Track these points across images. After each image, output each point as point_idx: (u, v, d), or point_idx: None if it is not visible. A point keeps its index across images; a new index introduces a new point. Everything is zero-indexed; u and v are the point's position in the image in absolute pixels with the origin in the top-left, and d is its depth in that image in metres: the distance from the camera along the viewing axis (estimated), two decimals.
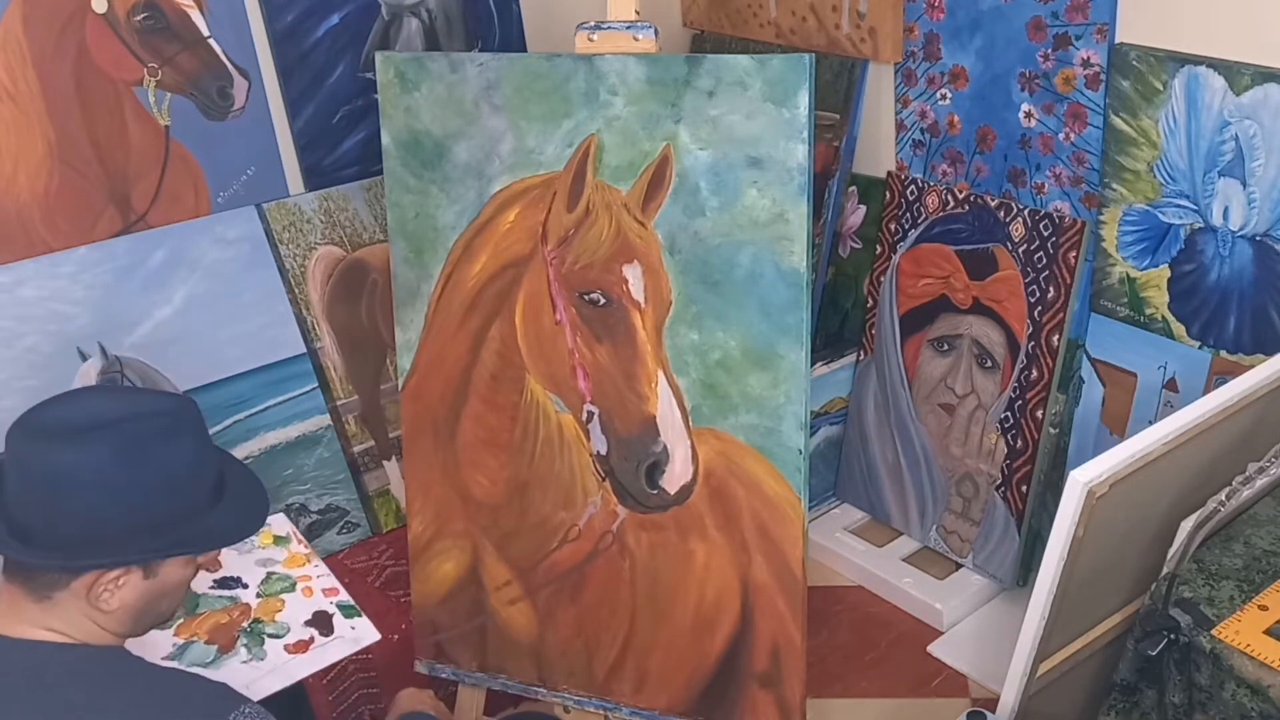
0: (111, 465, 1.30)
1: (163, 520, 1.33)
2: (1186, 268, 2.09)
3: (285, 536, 1.93)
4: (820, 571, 2.58)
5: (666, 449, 1.84)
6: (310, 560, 1.90)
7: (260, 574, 1.87)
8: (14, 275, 1.97)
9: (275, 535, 1.93)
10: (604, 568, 1.94)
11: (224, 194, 2.19)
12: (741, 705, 1.91)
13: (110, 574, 1.31)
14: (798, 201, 1.69)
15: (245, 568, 1.86)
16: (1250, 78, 1.90)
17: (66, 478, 1.29)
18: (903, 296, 2.53)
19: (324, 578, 1.87)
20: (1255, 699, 1.47)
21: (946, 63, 2.38)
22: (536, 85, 1.81)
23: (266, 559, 1.89)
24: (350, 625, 1.79)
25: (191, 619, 1.77)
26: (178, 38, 2.07)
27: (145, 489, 1.32)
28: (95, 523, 1.30)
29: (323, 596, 1.84)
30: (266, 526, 1.90)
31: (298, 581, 1.86)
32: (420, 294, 1.96)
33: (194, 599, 1.79)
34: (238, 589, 1.83)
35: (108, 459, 1.29)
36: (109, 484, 1.30)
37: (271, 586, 1.85)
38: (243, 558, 1.88)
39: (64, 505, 1.29)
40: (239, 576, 1.85)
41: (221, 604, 1.80)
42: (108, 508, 1.30)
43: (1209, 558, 1.65)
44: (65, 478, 1.29)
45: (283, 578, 1.87)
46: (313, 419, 2.28)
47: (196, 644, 1.74)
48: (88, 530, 1.30)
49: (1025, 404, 2.32)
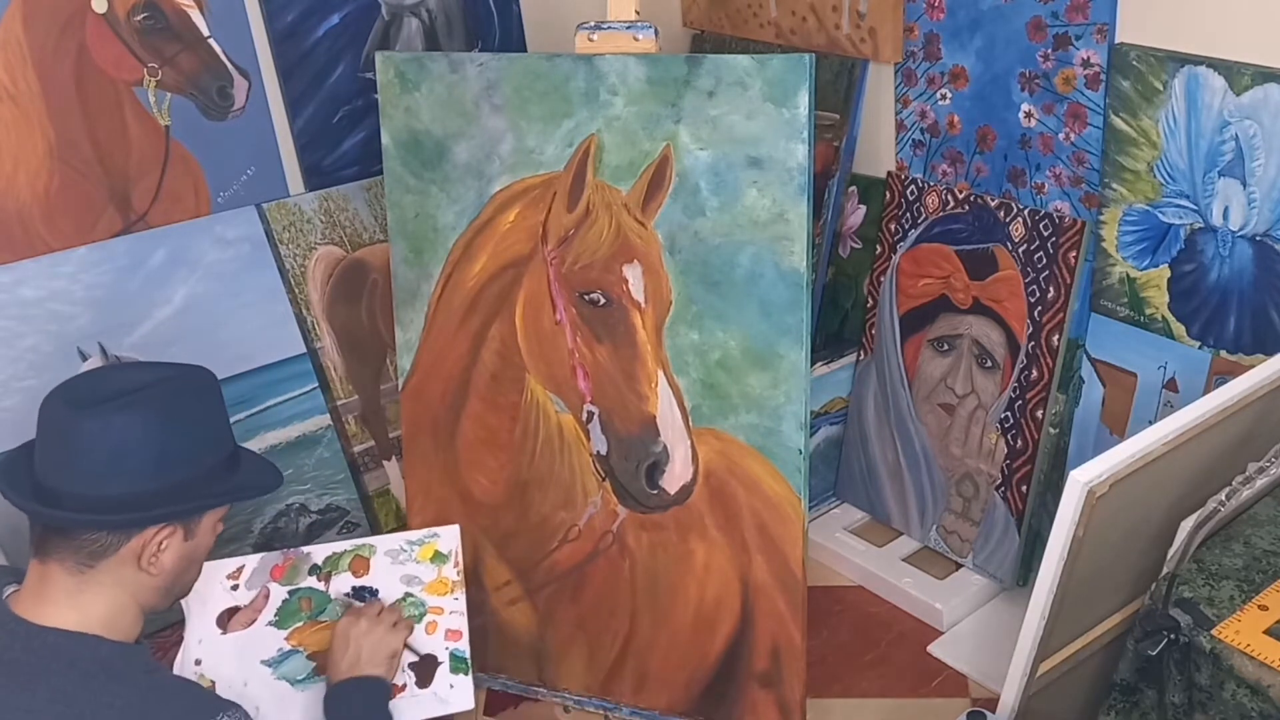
0: (155, 424, 1.38)
1: (197, 477, 1.42)
2: (1186, 268, 2.09)
3: (447, 555, 1.79)
4: (820, 571, 2.58)
5: (666, 449, 1.84)
6: (454, 590, 1.77)
7: (399, 591, 1.76)
8: (14, 275, 1.97)
9: (438, 551, 1.79)
10: (604, 568, 1.94)
11: (224, 194, 2.19)
12: (741, 705, 1.91)
13: (161, 534, 1.39)
14: (798, 201, 1.69)
15: (388, 580, 1.76)
16: (1250, 78, 1.90)
17: (105, 441, 1.36)
18: (903, 296, 2.53)
19: (456, 616, 1.76)
20: (1255, 699, 1.47)
21: (946, 63, 2.38)
22: (536, 85, 1.81)
23: (413, 576, 1.77)
24: (450, 684, 1.72)
25: (311, 624, 1.71)
26: (178, 38, 2.07)
27: (179, 447, 1.40)
28: (146, 480, 1.37)
29: (444, 638, 1.75)
30: (434, 538, 1.78)
31: (429, 612, 1.75)
32: (420, 294, 1.96)
33: (324, 600, 1.72)
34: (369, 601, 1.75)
35: (142, 420, 1.37)
36: (146, 443, 1.37)
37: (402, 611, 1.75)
38: (394, 567, 1.76)
39: (105, 468, 1.36)
40: (377, 589, 1.75)
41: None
42: (147, 467, 1.37)
43: (1209, 558, 1.65)
44: (104, 441, 1.36)
45: (417, 604, 1.75)
46: (313, 419, 2.28)
47: (298, 656, 1.70)
48: (141, 487, 1.37)
49: (1025, 404, 2.32)
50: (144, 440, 1.37)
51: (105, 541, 1.37)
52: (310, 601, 1.73)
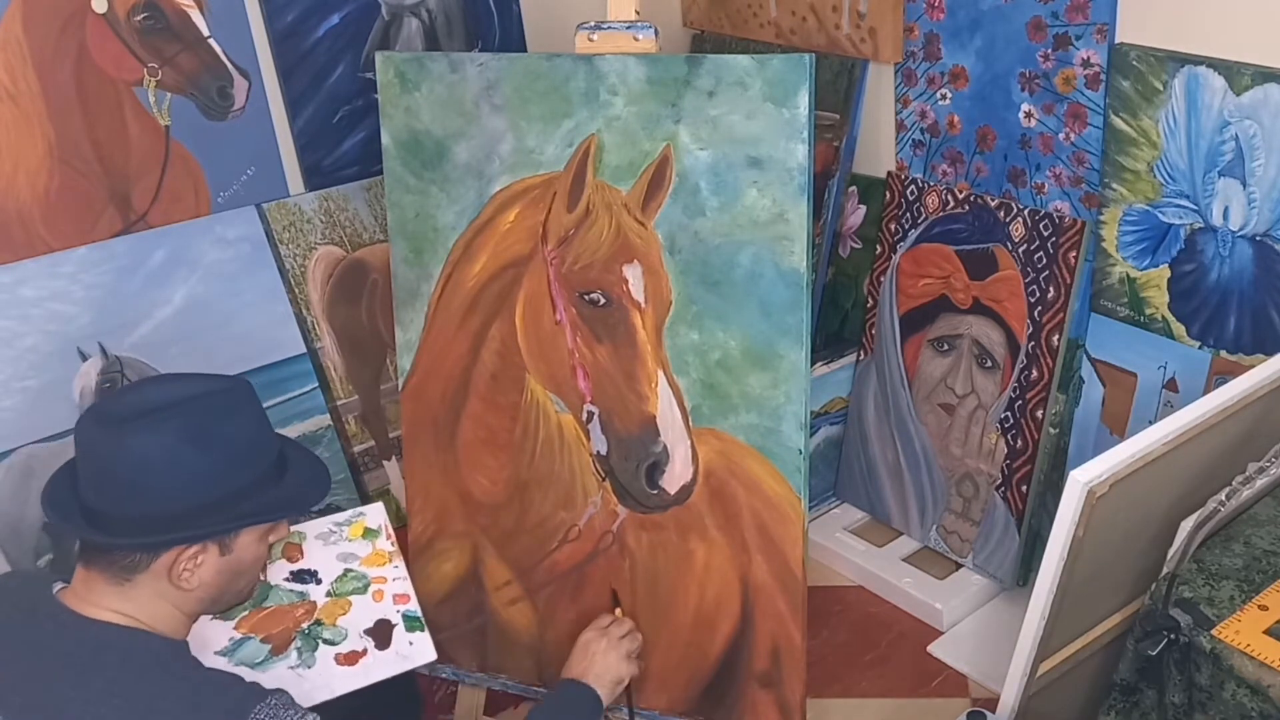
0: (180, 444, 1.36)
1: (231, 494, 1.41)
2: (1186, 268, 2.09)
3: (376, 530, 1.84)
4: (820, 571, 2.58)
5: (666, 449, 1.84)
6: (391, 560, 1.82)
7: (338, 570, 1.79)
8: (14, 275, 1.96)
9: (367, 527, 1.84)
10: (604, 568, 1.94)
11: (224, 194, 2.19)
12: (741, 705, 1.91)
13: (189, 551, 1.38)
14: (798, 201, 1.69)
15: (325, 561, 1.79)
16: (1250, 78, 1.90)
17: (139, 460, 1.35)
18: (903, 296, 2.53)
19: (399, 581, 1.80)
20: (1255, 699, 1.48)
21: (946, 63, 2.38)
22: (536, 85, 1.81)
23: (349, 554, 1.81)
24: (409, 640, 1.74)
25: (257, 612, 1.72)
26: (178, 38, 2.07)
27: (213, 465, 1.39)
28: (169, 501, 1.37)
29: (392, 603, 1.77)
30: (360, 516, 1.83)
31: (372, 583, 1.79)
32: (420, 294, 1.96)
33: (265, 590, 1.74)
34: (310, 584, 1.77)
35: (176, 439, 1.36)
36: (179, 462, 1.36)
37: (344, 585, 1.78)
38: (326, 549, 1.80)
39: (138, 487, 1.36)
40: (315, 570, 1.78)
41: (290, 599, 1.75)
42: (179, 486, 1.37)
43: (1209, 558, 1.65)
44: (137, 460, 1.35)
45: (358, 576, 1.79)
46: (313, 419, 2.28)
47: (251, 641, 1.70)
48: (162, 509, 1.36)
49: (1025, 404, 2.32)
50: (167, 461, 1.36)
51: (136, 559, 1.37)
52: (251, 591, 1.72)
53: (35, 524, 1.98)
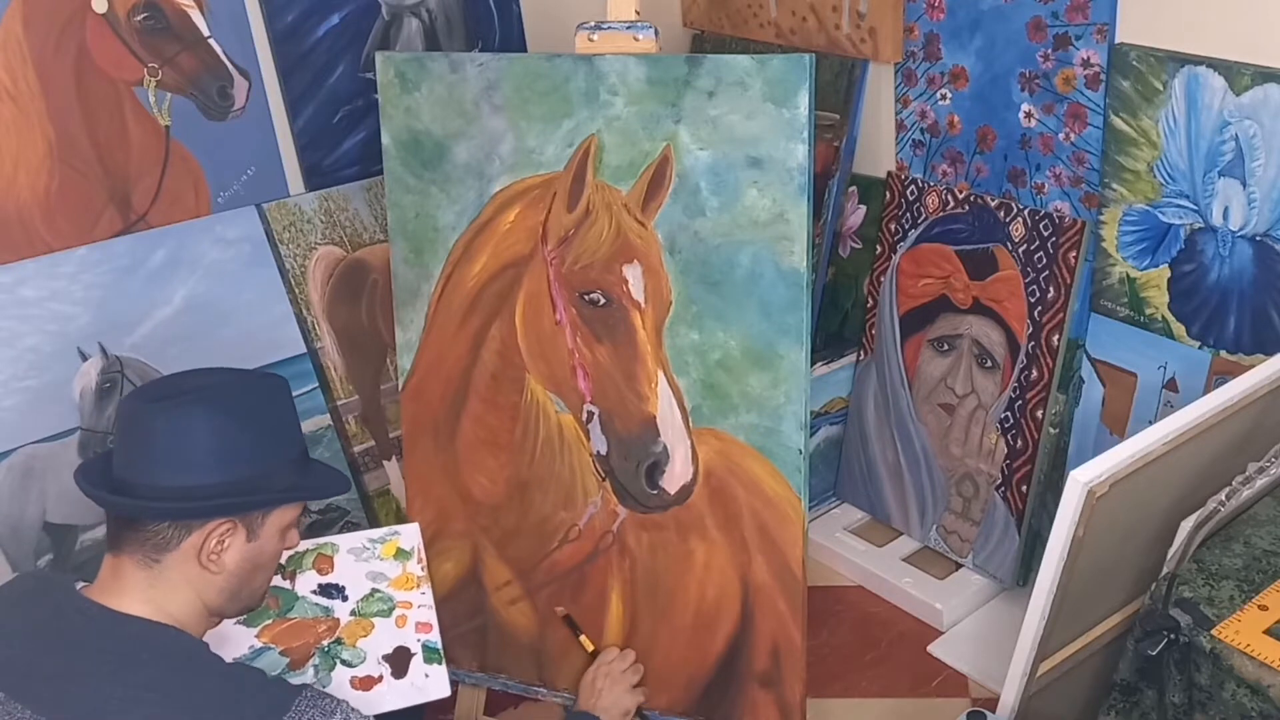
0: (222, 417, 1.42)
1: (265, 472, 1.45)
2: (1186, 268, 2.09)
3: (409, 552, 1.82)
4: (820, 571, 2.58)
5: (666, 449, 1.84)
6: (420, 585, 1.80)
7: (365, 589, 1.78)
8: (14, 275, 1.96)
9: (400, 548, 1.82)
10: (604, 568, 1.94)
11: (224, 194, 2.19)
12: (741, 705, 1.91)
13: (220, 530, 1.42)
14: (798, 201, 1.69)
15: (354, 578, 1.78)
16: (1250, 78, 1.90)
17: (181, 429, 1.40)
18: (903, 296, 2.53)
19: (424, 609, 1.79)
20: (1255, 699, 1.48)
21: (946, 63, 2.38)
22: (536, 85, 1.81)
23: (379, 573, 1.79)
24: (425, 672, 1.74)
25: (280, 622, 1.72)
26: (178, 38, 2.07)
27: (252, 440, 1.44)
28: (207, 472, 1.41)
29: (414, 630, 1.77)
30: (395, 535, 1.82)
31: (397, 606, 1.78)
32: (420, 294, 1.96)
33: (291, 599, 1.74)
34: (336, 600, 1.77)
35: (206, 414, 1.41)
36: (220, 433, 1.41)
37: (369, 606, 1.77)
38: (357, 565, 1.79)
39: (178, 456, 1.40)
40: (343, 587, 1.77)
41: (315, 612, 1.75)
42: (218, 457, 1.41)
43: (1209, 558, 1.65)
44: (180, 430, 1.40)
45: (385, 599, 1.78)
46: (313, 419, 2.28)
47: (271, 652, 1.71)
48: (200, 479, 1.40)
49: (1025, 404, 2.32)
50: (207, 433, 1.41)
51: (168, 534, 1.40)
52: (278, 600, 1.74)
53: (35, 524, 1.99)
